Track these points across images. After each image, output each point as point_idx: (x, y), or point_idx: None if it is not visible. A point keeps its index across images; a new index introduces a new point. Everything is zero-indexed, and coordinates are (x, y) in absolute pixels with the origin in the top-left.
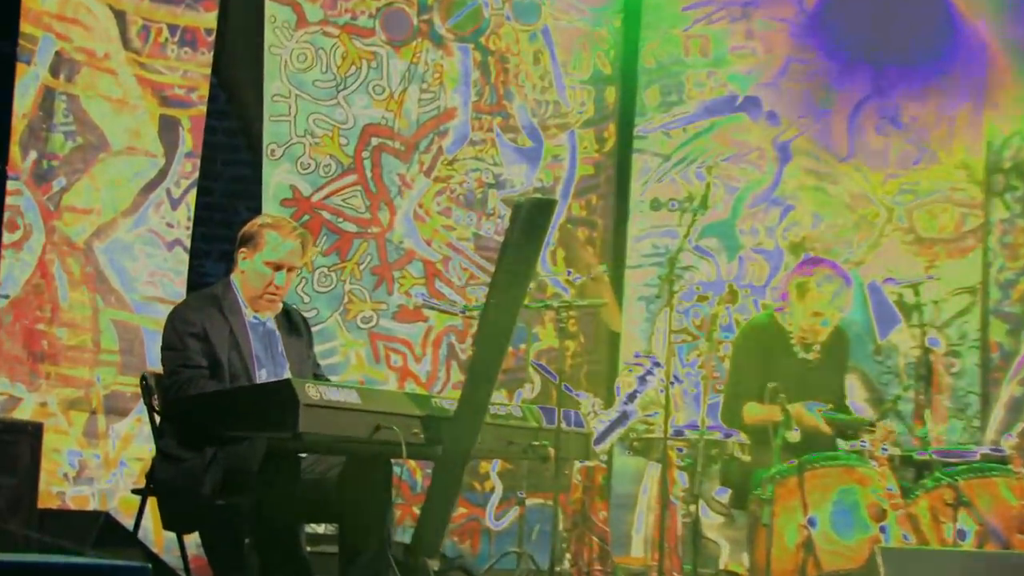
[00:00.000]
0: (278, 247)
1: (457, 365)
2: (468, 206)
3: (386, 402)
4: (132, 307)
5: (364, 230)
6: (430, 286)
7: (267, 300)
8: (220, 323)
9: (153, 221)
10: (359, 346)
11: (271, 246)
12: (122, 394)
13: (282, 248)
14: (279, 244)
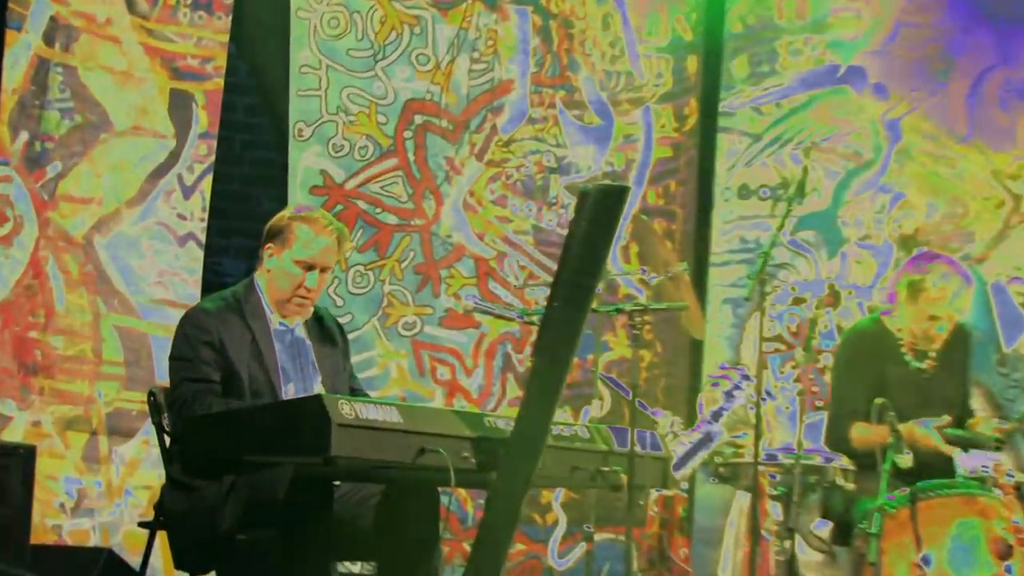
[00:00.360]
0: (310, 243)
1: (514, 378)
2: (527, 194)
3: (432, 421)
4: (138, 312)
5: (406, 222)
6: (482, 287)
7: (296, 304)
8: (240, 330)
9: (163, 212)
10: (400, 357)
11: (302, 242)
12: (127, 412)
13: (315, 245)
14: (311, 240)
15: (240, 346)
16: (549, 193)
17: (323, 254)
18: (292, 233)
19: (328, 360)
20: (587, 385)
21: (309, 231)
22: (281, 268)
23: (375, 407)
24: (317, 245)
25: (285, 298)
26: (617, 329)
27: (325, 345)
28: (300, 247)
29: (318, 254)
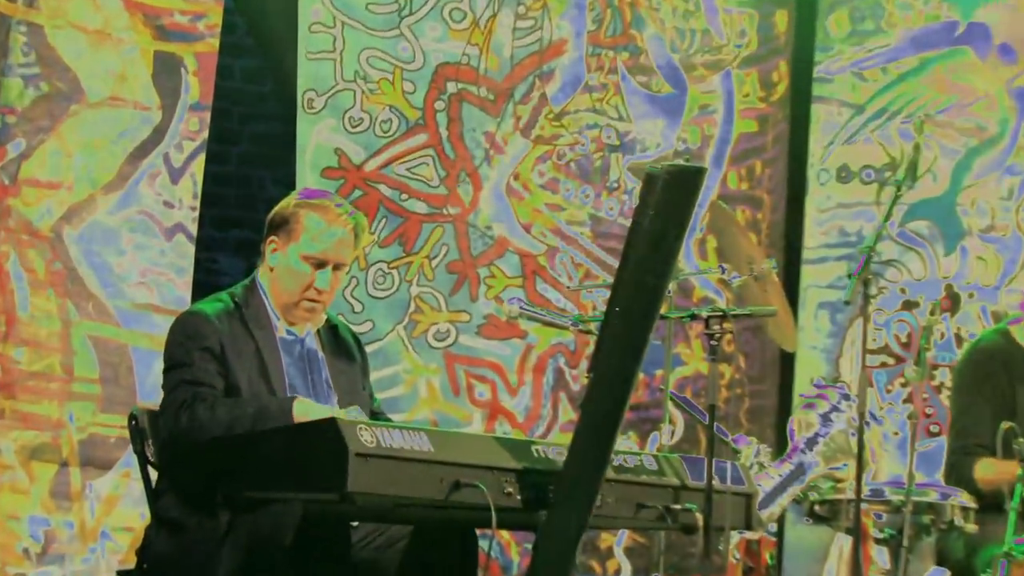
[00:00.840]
0: (321, 236)
1: (567, 399)
2: (583, 177)
3: (468, 450)
4: (117, 319)
5: (437, 211)
6: (529, 289)
7: (305, 308)
8: (242, 339)
9: (146, 199)
10: (431, 372)
11: (311, 234)
12: (103, 439)
13: (327, 238)
14: (323, 232)
15: (242, 357)
16: (609, 176)
17: (337, 249)
18: (300, 223)
19: (344, 377)
20: (655, 407)
21: (320, 221)
22: (287, 266)
23: (401, 433)
24: (330, 238)
25: (292, 301)
26: (691, 339)
27: (340, 359)
28: (309, 240)
29: (331, 249)
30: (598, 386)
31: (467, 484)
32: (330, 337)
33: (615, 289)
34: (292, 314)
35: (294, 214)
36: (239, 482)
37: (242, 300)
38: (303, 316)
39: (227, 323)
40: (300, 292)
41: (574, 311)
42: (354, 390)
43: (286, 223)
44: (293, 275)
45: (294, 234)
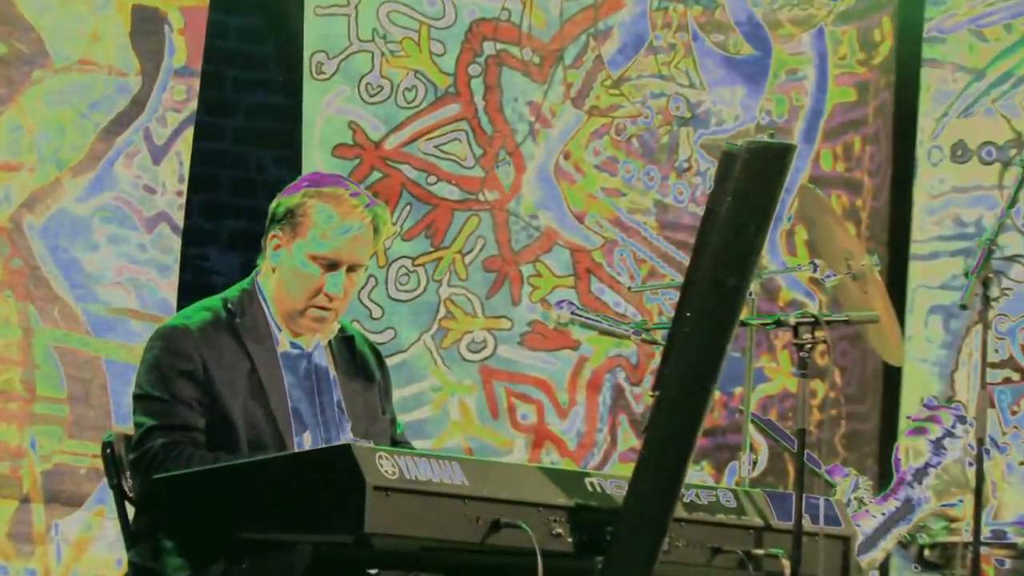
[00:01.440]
0: (333, 232)
1: (628, 422)
2: (647, 156)
3: (509, 483)
4: (88, 326)
5: (472, 197)
6: (582, 290)
7: (313, 318)
8: (235, 357)
9: (123, 183)
10: (465, 390)
11: (321, 229)
12: (72, 470)
13: (340, 233)
14: (335, 227)
15: (234, 380)
16: (678, 155)
17: (352, 247)
18: (307, 215)
19: (360, 399)
20: (733, 431)
21: (332, 213)
22: (292, 266)
23: (428, 462)
24: (343, 234)
25: (297, 308)
26: (777, 351)
27: (357, 378)
28: (318, 237)
29: (344, 247)
30: (665, 407)
31: (508, 524)
32: (344, 351)
33: (685, 291)
34: (297, 323)
35: (300, 205)
36: (234, 522)
37: (236, 307)
38: (310, 326)
39: (215, 338)
40: (307, 298)
41: (636, 317)
42: (372, 415)
43: (291, 215)
44: (299, 278)
45: (300, 229)
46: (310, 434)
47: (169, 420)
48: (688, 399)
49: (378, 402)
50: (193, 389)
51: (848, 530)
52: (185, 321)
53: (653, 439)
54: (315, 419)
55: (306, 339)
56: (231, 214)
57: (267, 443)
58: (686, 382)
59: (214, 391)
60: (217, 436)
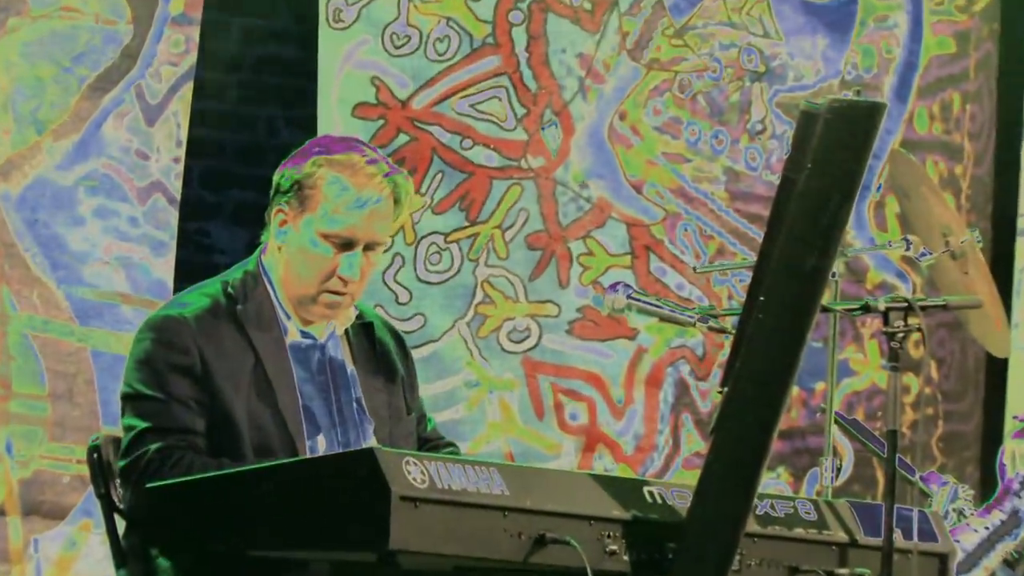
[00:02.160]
0: (346, 206)
1: (692, 422)
2: (714, 116)
3: (556, 492)
4: (71, 313)
5: (513, 163)
6: (640, 270)
7: (325, 304)
8: (237, 348)
9: (112, 148)
10: (505, 386)
11: (333, 203)
12: (54, 477)
13: (354, 208)
14: (349, 199)
15: (237, 375)
16: (751, 115)
17: (368, 223)
18: (316, 187)
19: (382, 397)
20: (814, 433)
21: (345, 184)
22: (300, 246)
23: (463, 469)
24: (358, 208)
25: (308, 293)
26: (865, 341)
27: (378, 374)
28: (330, 212)
29: (360, 223)
30: (735, 405)
31: (554, 540)
32: (362, 340)
33: (758, 271)
34: (308, 310)
35: (309, 175)
36: (238, 538)
37: (238, 291)
38: (323, 313)
39: (214, 328)
40: (318, 282)
41: (702, 301)
42: (396, 415)
43: (298, 187)
44: (309, 259)
45: (309, 202)
46: (324, 437)
47: (164, 422)
48: (762, 396)
49: (403, 399)
50: (190, 387)
51: (946, 546)
52: (180, 309)
53: (721, 442)
54: (330, 420)
55: (318, 327)
56: (236, 183)
57: (275, 447)
58: (759, 376)
59: (214, 388)
60: (218, 440)
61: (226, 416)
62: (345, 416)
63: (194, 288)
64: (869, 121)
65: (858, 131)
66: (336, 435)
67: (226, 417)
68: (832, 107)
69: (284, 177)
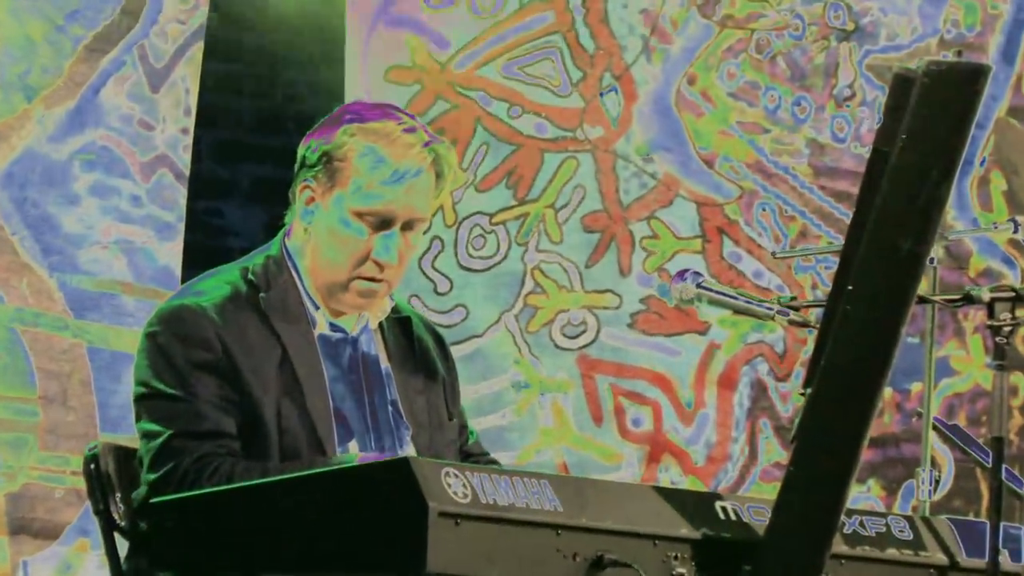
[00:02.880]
0: (382, 178)
1: (771, 428)
2: (796, 81)
3: (616, 508)
4: (66, 304)
5: (568, 134)
6: (712, 256)
7: (359, 292)
8: (261, 340)
9: (111, 117)
10: (558, 387)
11: (367, 177)
12: (46, 492)
13: (392, 182)
14: (385, 172)
15: (263, 371)
16: (838, 79)
17: (407, 197)
18: (347, 160)
19: (421, 399)
20: (909, 439)
21: (380, 154)
22: (330, 226)
23: (511, 482)
24: (395, 181)
25: (339, 280)
26: (967, 336)
27: (416, 372)
28: (364, 186)
29: (399, 199)
30: (820, 409)
31: (614, 562)
32: (398, 336)
33: (846, 257)
34: (339, 299)
35: (339, 146)
36: (256, 559)
37: (260, 279)
38: (356, 303)
39: (237, 319)
40: (351, 267)
41: (782, 291)
42: (438, 421)
43: (327, 160)
44: (339, 240)
45: (340, 177)
46: (357, 443)
47: (193, 425)
48: (850, 399)
49: (443, 404)
50: (217, 385)
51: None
52: (197, 298)
53: (804, 451)
54: (363, 423)
55: (350, 319)
56: (252, 157)
57: (303, 452)
58: (847, 376)
59: (242, 386)
60: (246, 445)
61: (255, 418)
62: (380, 420)
63: (208, 275)
64: (971, 86)
65: (959, 97)
66: (370, 440)
67: (255, 419)
68: (930, 70)
69: (311, 149)
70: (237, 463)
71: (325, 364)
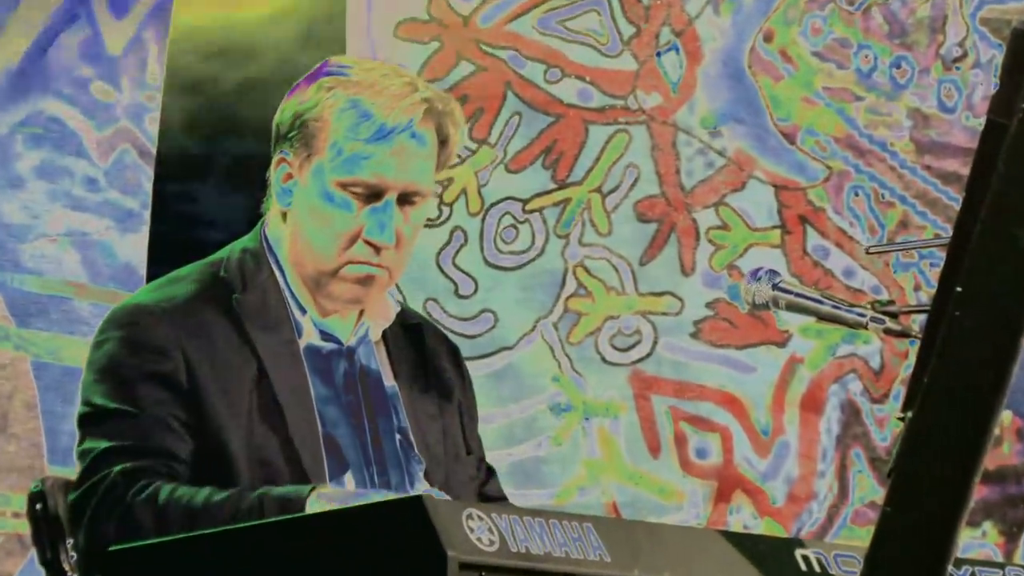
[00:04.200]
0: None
1: (865, 460)
2: (895, 38)
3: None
4: (5, 310)
5: (618, 101)
6: (793, 250)
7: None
8: (232, 351)
9: (60, 82)
10: (606, 410)
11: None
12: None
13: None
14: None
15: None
16: (945, 36)
17: (400, 159)
18: (324, 119)
19: (436, 426)
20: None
21: (365, 107)
22: (311, 204)
23: (546, 526)
24: (381, 137)
25: (327, 267)
26: None
27: (428, 394)
28: (346, 148)
29: (387, 161)
30: (923, 437)
31: None
32: (406, 348)
33: (955, 251)
34: (329, 293)
35: (315, 103)
36: None
37: (235, 276)
38: (350, 293)
39: (202, 324)
40: (340, 249)
41: (879, 293)
42: (454, 452)
43: (301, 122)
44: (323, 219)
45: (316, 141)
46: (353, 478)
47: (133, 440)
48: (960, 424)
49: (460, 432)
50: (170, 401)
51: None
52: (155, 298)
53: (903, 487)
54: (362, 454)
55: (344, 326)
56: (232, 130)
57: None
58: (956, 397)
59: (202, 406)
60: (205, 476)
61: (218, 446)
62: (384, 451)
63: (173, 274)
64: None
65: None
66: (370, 475)
67: (218, 447)
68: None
69: (284, 112)
70: (176, 487)
71: (313, 381)
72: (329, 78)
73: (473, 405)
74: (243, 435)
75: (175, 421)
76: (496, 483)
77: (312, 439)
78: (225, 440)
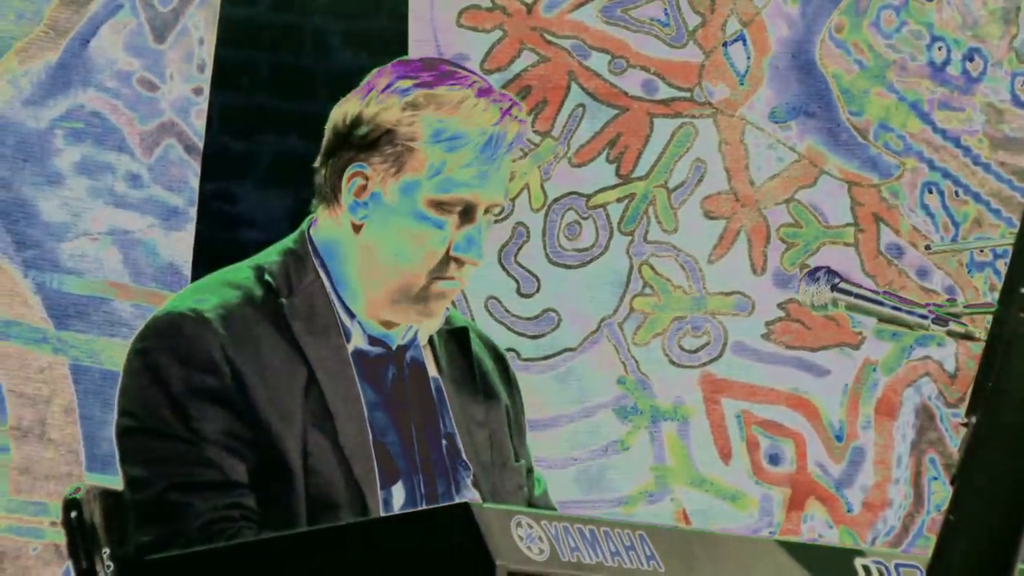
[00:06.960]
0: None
1: (941, 467)
2: (969, 28)
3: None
4: (43, 312)
5: (684, 93)
6: (867, 249)
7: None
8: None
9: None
10: (674, 414)
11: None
12: (17, 547)
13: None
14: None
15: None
16: (1019, 26)
17: (494, 179)
18: (417, 138)
19: (483, 433)
20: None
21: (458, 129)
22: (399, 222)
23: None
24: (487, 161)
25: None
26: None
27: (476, 400)
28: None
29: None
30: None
31: None
32: (453, 353)
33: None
34: (405, 310)
35: (403, 122)
36: None
37: (279, 279)
38: (431, 311)
39: (248, 332)
40: (431, 268)
41: (952, 294)
42: (503, 460)
43: (389, 138)
44: (415, 238)
45: (410, 160)
46: (404, 486)
47: (195, 474)
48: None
49: (508, 439)
50: (224, 418)
51: None
52: (197, 305)
53: (966, 495)
54: (411, 462)
55: (395, 331)
56: (272, 126)
57: (338, 500)
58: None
59: (257, 418)
60: (263, 493)
61: (275, 458)
62: (432, 459)
63: (214, 276)
64: None
65: None
66: (419, 484)
67: (275, 459)
68: None
69: (359, 123)
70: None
71: (362, 387)
72: (414, 93)
73: (521, 412)
74: (297, 443)
75: (232, 440)
76: (546, 495)
77: (363, 448)
78: (280, 450)
